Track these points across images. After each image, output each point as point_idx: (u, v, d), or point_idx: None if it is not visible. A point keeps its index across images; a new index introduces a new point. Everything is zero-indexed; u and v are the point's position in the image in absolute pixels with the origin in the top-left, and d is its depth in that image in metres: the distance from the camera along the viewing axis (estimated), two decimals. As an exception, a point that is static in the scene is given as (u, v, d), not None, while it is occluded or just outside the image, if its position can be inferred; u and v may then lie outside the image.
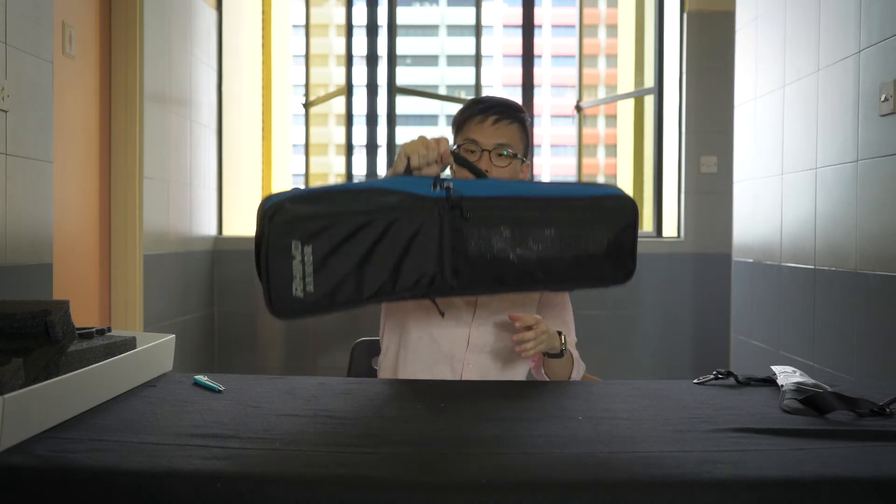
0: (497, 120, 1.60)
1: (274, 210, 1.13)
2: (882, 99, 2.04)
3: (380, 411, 1.11)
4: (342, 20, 3.97)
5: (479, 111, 1.62)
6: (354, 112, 3.89)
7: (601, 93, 4.61)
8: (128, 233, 2.89)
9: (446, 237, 1.20)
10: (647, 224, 4.06)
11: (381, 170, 3.92)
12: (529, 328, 1.40)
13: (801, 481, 0.82)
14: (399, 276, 1.18)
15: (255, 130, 4.36)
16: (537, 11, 4.16)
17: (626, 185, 4.41)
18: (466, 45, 38.63)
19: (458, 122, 1.66)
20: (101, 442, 0.93)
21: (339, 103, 4.04)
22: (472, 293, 1.23)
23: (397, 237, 1.17)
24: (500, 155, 1.59)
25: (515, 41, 9.39)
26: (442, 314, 1.43)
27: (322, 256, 1.14)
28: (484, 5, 4.17)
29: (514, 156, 1.62)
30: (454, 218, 1.19)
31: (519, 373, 1.60)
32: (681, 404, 1.18)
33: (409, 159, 1.28)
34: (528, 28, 4.05)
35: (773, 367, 1.37)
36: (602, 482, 0.82)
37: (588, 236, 1.22)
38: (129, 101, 2.87)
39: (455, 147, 1.66)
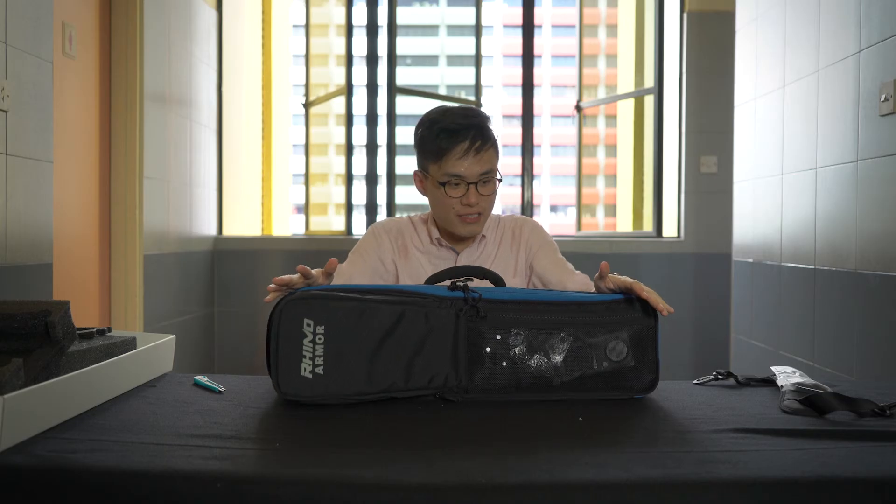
0: (479, 148, 1.52)
1: (292, 291, 1.16)
2: (882, 99, 2.04)
3: (380, 411, 1.11)
4: (342, 20, 3.98)
5: (458, 141, 1.51)
6: (354, 112, 3.90)
7: (601, 93, 4.55)
8: (128, 233, 2.89)
9: (462, 337, 1.17)
10: (647, 224, 4.06)
11: (382, 170, 3.92)
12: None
13: (801, 481, 0.82)
14: (412, 373, 1.15)
15: (255, 130, 4.37)
16: (537, 11, 4.16)
17: (626, 185, 4.41)
18: (466, 45, 38.63)
19: (434, 153, 1.54)
20: (101, 442, 0.93)
21: (339, 103, 4.04)
22: (487, 396, 1.17)
23: (411, 331, 1.16)
24: (486, 183, 1.55)
25: (515, 41, 9.36)
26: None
27: (334, 338, 1.13)
28: (484, 5, 4.17)
29: (497, 178, 1.59)
30: (471, 317, 1.17)
31: None
32: (681, 404, 1.18)
33: None
34: (528, 28, 4.05)
35: (773, 368, 1.37)
36: (603, 482, 0.82)
37: (606, 339, 1.19)
38: (129, 101, 2.87)
39: (424, 172, 1.58)
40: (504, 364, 1.17)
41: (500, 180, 1.58)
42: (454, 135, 1.52)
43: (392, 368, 1.14)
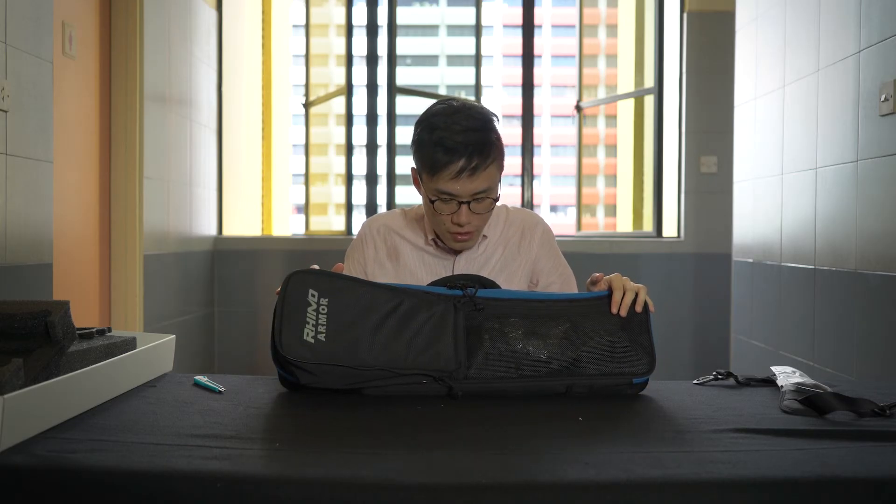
0: (476, 168, 1.40)
1: (299, 269, 1.23)
2: (882, 99, 2.04)
3: (379, 411, 1.11)
4: (342, 20, 3.98)
5: (453, 160, 1.40)
6: (354, 112, 3.89)
7: (601, 93, 4.54)
8: (128, 233, 2.89)
9: (460, 325, 1.21)
10: (647, 224, 4.06)
11: (382, 170, 3.92)
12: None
13: (801, 481, 0.82)
14: (411, 352, 1.18)
15: (255, 130, 4.36)
16: (537, 11, 4.16)
17: (626, 185, 4.41)
18: (466, 45, 38.62)
19: (430, 166, 1.43)
20: (101, 442, 0.93)
21: (339, 103, 4.04)
22: (486, 383, 1.19)
23: (412, 316, 1.20)
24: (478, 202, 1.45)
25: (515, 41, 9.36)
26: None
27: (337, 311, 1.17)
28: (484, 5, 4.17)
29: (495, 198, 1.48)
30: (468, 310, 1.22)
31: None
32: (681, 404, 1.18)
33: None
34: (528, 28, 4.05)
35: (773, 368, 1.37)
36: (602, 482, 0.82)
37: (601, 327, 1.23)
38: (129, 101, 2.87)
39: (431, 199, 1.46)
40: (502, 349, 1.20)
41: (496, 199, 1.48)
42: (450, 153, 1.40)
43: (393, 346, 1.17)
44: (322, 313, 1.16)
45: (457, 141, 1.40)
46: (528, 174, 4.02)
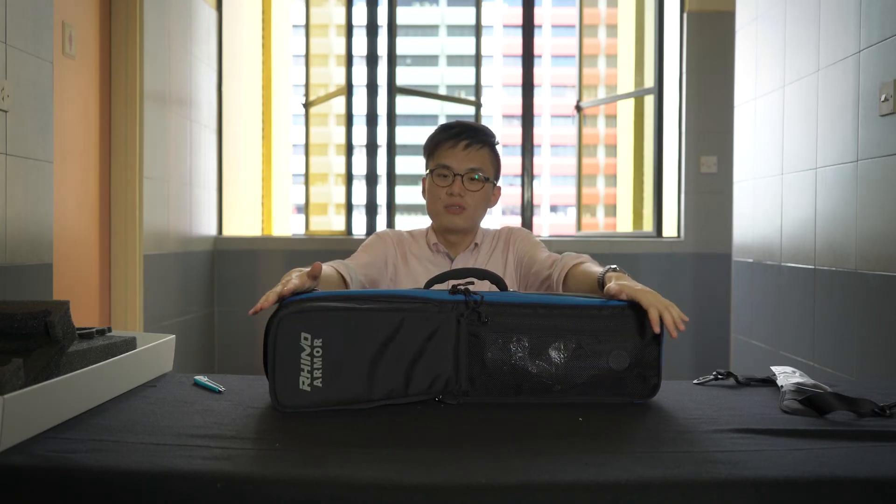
0: (468, 144, 1.67)
1: (288, 302, 1.13)
2: (882, 99, 2.04)
3: (379, 412, 1.11)
4: (342, 20, 3.98)
5: (450, 136, 1.68)
6: (354, 112, 3.89)
7: (601, 93, 4.55)
8: (128, 233, 2.89)
9: (463, 341, 1.15)
10: (647, 224, 4.06)
11: (382, 170, 3.93)
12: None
13: (801, 481, 0.82)
14: (412, 379, 1.14)
15: (255, 130, 4.36)
16: (537, 11, 4.16)
17: (626, 185, 4.41)
18: (466, 45, 38.63)
19: (430, 148, 1.72)
20: (101, 442, 0.93)
21: (339, 103, 4.04)
22: (487, 399, 1.16)
23: (412, 337, 1.14)
24: (473, 179, 1.67)
25: (515, 41, 9.36)
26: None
27: (332, 350, 1.11)
28: (484, 5, 4.17)
29: (486, 179, 1.68)
30: (472, 322, 1.15)
31: None
32: (681, 404, 1.18)
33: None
34: (528, 28, 4.05)
35: (773, 368, 1.37)
36: (602, 482, 0.82)
37: (609, 347, 1.16)
38: (129, 101, 2.87)
39: (427, 173, 1.72)
40: (505, 369, 1.16)
41: (487, 180, 1.68)
42: (447, 129, 1.70)
43: (392, 375, 1.13)
44: (317, 356, 1.10)
45: (456, 122, 1.72)
46: (528, 174, 4.02)
